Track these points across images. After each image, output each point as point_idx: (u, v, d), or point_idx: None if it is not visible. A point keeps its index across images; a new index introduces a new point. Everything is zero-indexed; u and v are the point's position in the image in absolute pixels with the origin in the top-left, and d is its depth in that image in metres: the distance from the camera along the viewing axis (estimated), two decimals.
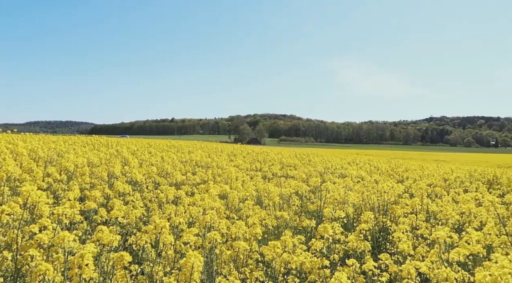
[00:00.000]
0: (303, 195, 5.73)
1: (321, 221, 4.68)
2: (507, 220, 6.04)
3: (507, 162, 61.79)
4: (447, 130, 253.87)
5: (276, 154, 17.76)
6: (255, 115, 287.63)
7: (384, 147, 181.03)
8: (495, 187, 10.94)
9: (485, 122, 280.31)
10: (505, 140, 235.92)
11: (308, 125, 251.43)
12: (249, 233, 3.48)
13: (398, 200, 6.06)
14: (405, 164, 19.51)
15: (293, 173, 9.29)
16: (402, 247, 3.07)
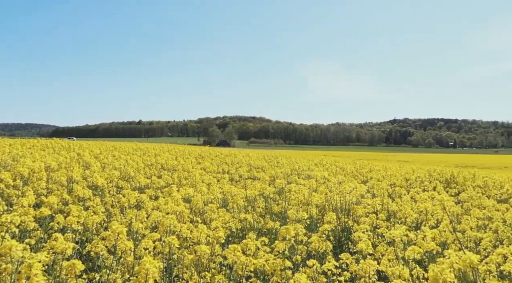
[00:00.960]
0: (269, 197, 5.76)
1: (285, 222, 4.72)
2: (461, 217, 6.37)
3: (464, 161, 65.29)
4: (410, 132, 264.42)
5: (244, 156, 17.77)
6: (224, 117, 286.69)
7: (351, 148, 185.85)
8: (452, 186, 11.50)
9: (444, 124, 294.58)
10: (463, 141, 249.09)
11: (277, 127, 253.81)
12: (212, 236, 3.45)
13: (360, 200, 6.23)
14: (370, 165, 20.09)
15: (260, 175, 9.33)
16: (360, 247, 3.16)
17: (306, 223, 4.38)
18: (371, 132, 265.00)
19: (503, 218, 5.99)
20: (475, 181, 13.11)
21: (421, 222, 5.46)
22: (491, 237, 5.16)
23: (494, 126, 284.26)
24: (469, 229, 5.38)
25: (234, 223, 4.34)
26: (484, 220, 6.14)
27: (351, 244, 4.56)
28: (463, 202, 7.72)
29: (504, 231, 5.52)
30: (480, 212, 6.32)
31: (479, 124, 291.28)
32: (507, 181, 13.94)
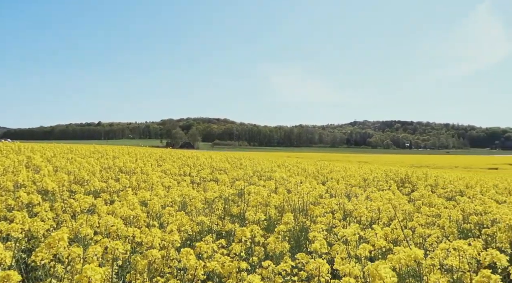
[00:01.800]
0: (228, 198, 5.74)
1: (244, 224, 4.72)
2: (412, 215, 6.68)
3: (419, 162, 68.74)
4: (369, 134, 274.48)
5: (207, 158, 17.62)
6: (188, 119, 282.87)
7: (313, 150, 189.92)
8: (406, 185, 12.04)
9: (401, 126, 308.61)
10: (417, 142, 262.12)
11: (241, 129, 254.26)
12: (167, 240, 3.38)
13: (319, 201, 6.36)
14: (330, 166, 20.59)
15: (222, 177, 9.28)
16: (314, 246, 3.22)
17: (264, 224, 4.40)
18: (333, 134, 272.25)
19: (450, 215, 6.34)
20: (427, 180, 13.82)
21: (375, 221, 5.66)
22: (438, 233, 5.45)
23: (445, 128, 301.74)
24: (419, 226, 5.63)
25: (192, 226, 4.28)
26: (433, 217, 6.46)
27: (309, 244, 4.64)
28: (415, 200, 8.11)
29: (450, 227, 5.86)
30: (429, 210, 6.65)
31: (433, 126, 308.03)
32: (456, 180, 14.82)
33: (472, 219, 6.09)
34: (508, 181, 16.70)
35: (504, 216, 5.73)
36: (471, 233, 5.99)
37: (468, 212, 6.78)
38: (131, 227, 3.90)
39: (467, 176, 18.40)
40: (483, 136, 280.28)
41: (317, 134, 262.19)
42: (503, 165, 67.90)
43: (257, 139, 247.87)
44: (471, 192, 9.28)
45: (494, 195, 9.30)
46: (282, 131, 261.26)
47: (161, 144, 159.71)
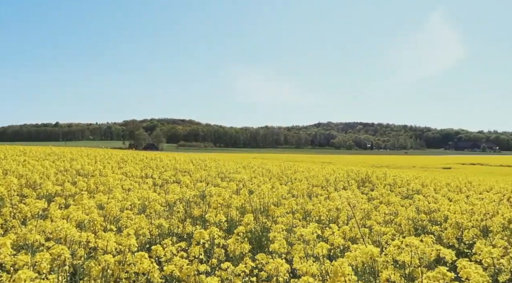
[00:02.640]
0: (190, 200, 5.66)
1: (206, 226, 4.67)
2: (371, 213, 6.91)
3: (379, 162, 71.35)
4: (333, 135, 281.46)
5: (171, 159, 17.31)
6: (152, 120, 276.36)
7: (279, 151, 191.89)
8: (366, 185, 12.44)
9: (362, 127, 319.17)
10: (378, 143, 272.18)
11: (207, 130, 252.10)
12: (124, 244, 3.27)
13: (281, 201, 6.43)
14: (295, 166, 20.89)
15: (184, 179, 9.15)
16: (273, 247, 3.24)
17: (225, 225, 4.38)
18: (298, 135, 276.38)
19: (406, 213, 6.63)
20: (386, 180, 14.37)
21: (334, 220, 5.80)
22: (394, 230, 5.67)
23: (404, 130, 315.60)
24: (377, 224, 5.83)
25: (151, 230, 4.18)
26: (390, 216, 6.72)
27: (271, 244, 4.68)
28: (374, 199, 8.40)
29: (406, 224, 6.12)
30: (387, 208, 6.91)
31: (392, 128, 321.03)
32: (413, 179, 15.51)
33: (425, 217, 6.39)
34: (459, 179, 17.71)
35: (453, 213, 6.07)
36: (425, 230, 6.29)
37: (422, 210, 7.13)
38: (86, 232, 3.74)
39: (423, 176, 19.31)
40: (438, 137, 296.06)
41: (282, 135, 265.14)
42: (456, 165, 72.02)
43: (223, 140, 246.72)
44: (426, 190, 9.75)
45: (447, 193, 9.84)
46: (248, 132, 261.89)
47: (123, 145, 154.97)
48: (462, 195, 9.29)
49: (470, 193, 10.21)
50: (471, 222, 6.03)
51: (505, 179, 22.60)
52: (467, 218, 6.12)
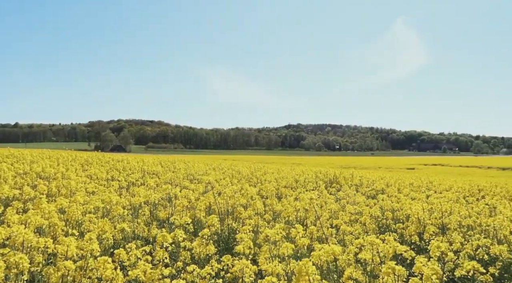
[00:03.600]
0: (156, 203, 5.56)
1: (173, 229, 4.60)
2: (338, 213, 7.07)
3: (347, 163, 73.12)
4: (302, 136, 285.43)
5: (138, 161, 16.92)
6: (119, 121, 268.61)
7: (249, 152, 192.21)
8: (334, 185, 12.71)
9: (331, 129, 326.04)
10: (346, 144, 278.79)
11: (177, 132, 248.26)
12: (85, 249, 3.17)
13: (250, 202, 6.45)
14: (265, 168, 21.01)
15: (151, 181, 8.97)
16: (238, 248, 3.25)
17: (191, 228, 4.33)
18: (269, 136, 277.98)
19: (371, 212, 6.83)
20: (353, 180, 14.76)
21: (302, 220, 5.89)
22: (360, 229, 5.83)
23: (371, 131, 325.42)
24: (343, 223, 5.96)
25: (115, 233, 4.07)
26: (356, 215, 6.90)
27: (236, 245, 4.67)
28: (341, 199, 8.60)
29: (371, 223, 6.31)
30: (353, 208, 7.09)
31: (359, 130, 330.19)
32: (378, 179, 16.02)
33: (388, 215, 6.62)
34: (422, 179, 18.47)
35: (415, 212, 6.33)
36: (389, 228, 6.51)
37: (386, 209, 7.37)
38: (46, 237, 3.59)
39: (388, 176, 19.98)
40: (403, 138, 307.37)
41: (253, 137, 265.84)
42: (419, 166, 75.03)
43: (193, 141, 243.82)
44: (390, 190, 10.09)
45: (409, 193, 10.22)
46: (219, 133, 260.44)
47: (89, 147, 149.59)
48: (423, 195, 9.69)
49: (430, 192, 10.66)
50: (431, 220, 6.31)
51: (463, 179, 23.80)
52: (427, 217, 6.40)
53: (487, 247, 4.87)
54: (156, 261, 3.46)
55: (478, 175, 43.34)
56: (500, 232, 5.54)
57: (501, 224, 5.58)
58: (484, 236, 5.52)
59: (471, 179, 25.77)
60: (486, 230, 5.83)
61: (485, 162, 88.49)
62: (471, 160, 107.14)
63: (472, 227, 6.21)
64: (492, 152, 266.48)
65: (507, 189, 15.53)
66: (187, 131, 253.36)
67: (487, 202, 8.27)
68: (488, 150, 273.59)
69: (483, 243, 4.99)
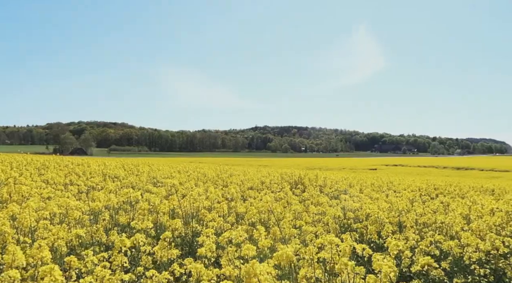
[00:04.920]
0: (117, 207, 5.40)
1: (133, 233, 4.49)
2: (302, 214, 7.18)
3: (312, 164, 74.49)
4: (269, 138, 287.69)
5: (100, 165, 16.34)
6: (80, 123, 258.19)
7: (216, 154, 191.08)
8: (298, 186, 12.89)
9: (297, 131, 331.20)
10: (312, 146, 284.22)
11: (141, 134, 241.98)
12: (36, 257, 3.01)
13: (215, 205, 6.40)
14: (231, 170, 20.95)
15: (112, 185, 8.69)
16: (200, 251, 3.22)
17: (153, 232, 4.25)
18: (236, 138, 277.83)
19: (333, 212, 6.99)
20: (317, 181, 15.04)
21: (266, 222, 5.93)
22: (322, 229, 5.96)
23: (335, 133, 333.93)
24: (306, 224, 6.06)
25: (71, 240, 3.91)
26: (319, 215, 7.03)
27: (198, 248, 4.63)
28: (305, 200, 8.74)
29: (333, 223, 6.46)
30: (316, 209, 7.23)
31: (324, 132, 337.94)
32: (341, 180, 16.44)
33: (349, 215, 6.81)
34: (382, 179, 19.16)
35: (374, 211, 6.55)
36: (350, 228, 6.69)
37: (348, 209, 7.58)
38: None
39: (351, 177, 20.55)
40: (365, 140, 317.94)
41: (220, 139, 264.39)
42: (381, 166, 77.86)
43: (158, 144, 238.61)
44: (351, 190, 10.39)
45: (370, 193, 10.57)
46: (185, 136, 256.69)
47: (47, 150, 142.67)
48: (383, 194, 10.06)
49: (389, 192, 11.09)
50: (389, 219, 6.56)
51: (421, 179, 24.94)
52: (385, 215, 6.64)
53: (440, 243, 5.13)
54: (115, 267, 3.36)
55: (435, 175, 45.63)
56: (452, 228, 5.85)
57: (453, 221, 5.90)
58: (438, 232, 5.81)
59: (428, 178, 27.05)
60: (440, 227, 6.13)
61: (441, 162, 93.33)
62: (428, 160, 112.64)
63: (427, 224, 6.52)
64: (447, 152, 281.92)
65: (460, 188, 16.43)
66: (152, 133, 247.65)
67: (442, 200, 8.72)
68: (444, 150, 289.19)
69: (437, 239, 5.26)
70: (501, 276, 4.42)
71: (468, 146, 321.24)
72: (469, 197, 9.70)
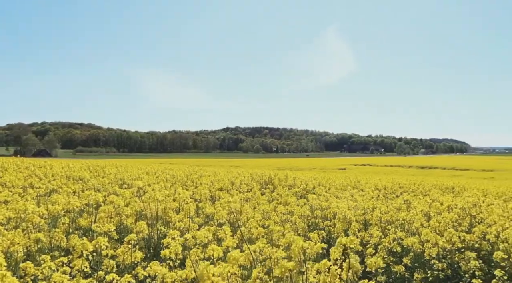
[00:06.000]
0: (80, 210, 5.21)
1: (93, 237, 4.35)
2: (270, 214, 7.22)
3: (283, 165, 75.18)
4: (241, 139, 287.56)
5: (63, 167, 15.72)
6: (43, 123, 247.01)
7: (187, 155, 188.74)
8: (268, 186, 12.97)
9: (269, 132, 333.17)
10: (283, 147, 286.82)
11: (109, 135, 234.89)
12: None
13: (183, 206, 6.32)
14: (201, 171, 20.77)
15: (77, 187, 8.40)
16: (164, 253, 3.17)
17: (117, 235, 4.13)
18: (207, 139, 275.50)
19: (301, 212, 7.09)
20: (287, 181, 15.20)
21: (234, 222, 5.92)
22: (290, 228, 6.02)
23: (306, 134, 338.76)
24: (274, 224, 6.10)
25: (28, 245, 3.74)
26: (287, 215, 7.11)
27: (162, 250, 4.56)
28: (274, 200, 8.81)
29: (301, 222, 6.55)
30: (284, 208, 7.31)
31: (295, 132, 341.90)
32: (311, 180, 16.68)
33: (317, 214, 6.92)
34: (350, 179, 19.63)
35: (341, 210, 6.70)
36: (317, 226, 6.80)
37: (315, 208, 7.70)
38: None
39: (320, 176, 20.91)
40: (335, 141, 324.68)
41: (191, 140, 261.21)
42: (350, 166, 79.82)
43: (127, 145, 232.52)
44: (319, 190, 10.57)
45: (337, 192, 10.82)
46: (155, 136, 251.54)
47: (7, 152, 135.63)
48: (349, 193, 10.31)
49: (354, 191, 11.37)
50: (355, 217, 6.73)
51: (387, 178, 25.75)
52: (352, 214, 6.81)
53: (402, 239, 5.31)
54: (74, 272, 3.25)
55: (401, 174, 47.25)
56: (413, 225, 6.08)
57: (414, 218, 6.13)
58: (400, 229, 6.02)
59: (394, 177, 27.97)
60: (402, 224, 6.36)
61: (406, 162, 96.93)
62: (395, 160, 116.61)
63: (390, 221, 6.73)
64: (412, 152, 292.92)
65: (423, 186, 17.12)
66: (120, 134, 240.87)
67: (405, 198, 9.05)
68: (410, 150, 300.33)
69: (399, 236, 5.45)
70: (456, 269, 4.64)
71: (432, 146, 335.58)
72: (430, 195, 10.12)
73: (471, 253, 4.65)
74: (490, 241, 5.16)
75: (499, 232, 5.16)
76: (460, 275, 4.59)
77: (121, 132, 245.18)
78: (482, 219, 6.25)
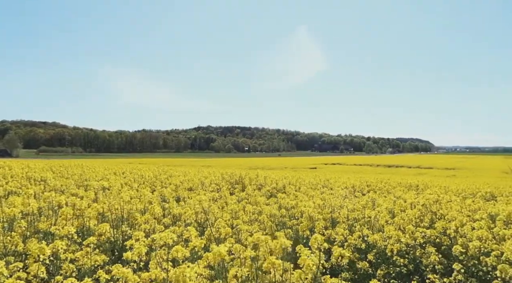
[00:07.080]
0: (39, 213, 4.98)
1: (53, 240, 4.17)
2: (238, 213, 7.20)
3: (255, 164, 75.36)
4: (212, 138, 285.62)
5: (23, 168, 15.02)
6: (3, 122, 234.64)
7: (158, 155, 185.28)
8: (238, 186, 12.95)
9: (240, 131, 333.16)
10: (255, 146, 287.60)
11: (75, 134, 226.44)
12: None
13: (148, 207, 6.18)
14: (170, 171, 20.45)
15: (38, 188, 8.03)
16: (126, 255, 3.08)
17: (75, 237, 3.97)
18: (178, 139, 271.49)
19: (269, 211, 7.12)
20: (258, 181, 15.24)
21: (202, 222, 5.86)
22: (258, 227, 6.03)
23: (277, 133, 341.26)
24: (243, 223, 6.09)
25: None
26: (255, 214, 7.11)
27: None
28: (243, 199, 8.79)
29: (268, 221, 6.57)
30: (253, 208, 7.30)
31: (267, 132, 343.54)
32: (281, 179, 16.81)
33: (285, 212, 6.98)
34: (320, 178, 19.95)
35: (308, 208, 6.78)
36: (285, 225, 6.85)
37: (284, 207, 7.76)
38: None
39: (291, 176, 21.11)
40: (306, 140, 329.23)
41: (161, 139, 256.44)
42: (320, 165, 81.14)
43: (94, 145, 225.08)
44: (288, 189, 10.67)
45: (307, 190, 10.94)
46: (124, 136, 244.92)
47: None
48: (319, 192, 10.46)
49: (324, 190, 11.55)
50: (323, 215, 6.83)
51: (356, 176, 26.39)
52: (319, 212, 6.91)
53: (367, 236, 5.45)
54: (31, 277, 3.10)
55: (369, 173, 48.58)
56: (378, 222, 6.25)
57: (379, 215, 6.31)
58: (366, 227, 6.17)
59: (362, 176, 28.72)
60: (368, 221, 6.52)
61: (375, 161, 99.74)
62: (363, 159, 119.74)
63: (357, 219, 6.89)
64: (380, 151, 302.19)
65: (389, 184, 17.66)
66: (87, 133, 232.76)
67: (371, 196, 9.29)
68: (378, 149, 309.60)
69: (364, 233, 5.58)
70: (418, 264, 4.81)
71: (398, 145, 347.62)
72: (394, 192, 10.45)
73: (432, 248, 4.83)
74: (450, 236, 5.39)
75: (458, 227, 5.41)
76: (422, 269, 4.77)
77: (88, 131, 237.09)
78: (443, 215, 6.51)
